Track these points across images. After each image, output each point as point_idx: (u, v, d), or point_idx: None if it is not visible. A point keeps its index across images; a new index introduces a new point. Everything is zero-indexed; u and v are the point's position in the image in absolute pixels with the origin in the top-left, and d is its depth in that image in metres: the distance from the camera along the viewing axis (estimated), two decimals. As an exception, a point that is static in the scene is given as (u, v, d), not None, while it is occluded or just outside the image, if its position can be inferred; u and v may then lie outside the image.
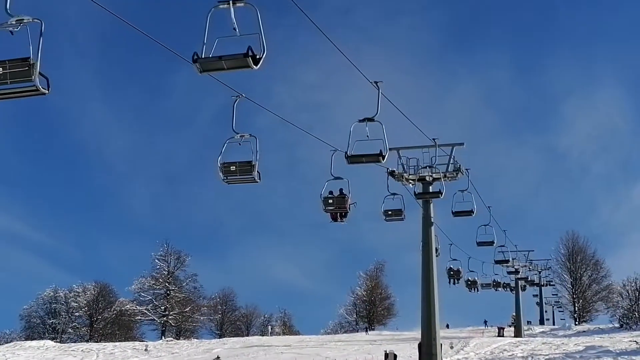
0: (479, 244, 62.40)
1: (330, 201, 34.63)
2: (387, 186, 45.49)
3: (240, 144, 25.71)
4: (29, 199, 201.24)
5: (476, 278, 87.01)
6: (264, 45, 18.88)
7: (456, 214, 49.66)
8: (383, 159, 30.40)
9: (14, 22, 16.21)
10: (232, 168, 26.09)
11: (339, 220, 36.91)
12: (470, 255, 78.90)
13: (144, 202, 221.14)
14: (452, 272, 77.38)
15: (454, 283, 78.95)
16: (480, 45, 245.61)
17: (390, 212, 44.97)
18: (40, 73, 16.21)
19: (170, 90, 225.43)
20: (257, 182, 26.26)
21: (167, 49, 20.34)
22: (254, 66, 18.86)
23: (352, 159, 30.54)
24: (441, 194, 46.05)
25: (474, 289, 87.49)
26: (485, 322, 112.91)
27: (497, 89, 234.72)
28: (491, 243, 63.10)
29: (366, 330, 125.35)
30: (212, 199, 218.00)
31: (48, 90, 16.52)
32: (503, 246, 75.87)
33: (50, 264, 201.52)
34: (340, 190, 34.73)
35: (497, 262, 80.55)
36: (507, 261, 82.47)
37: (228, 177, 26.36)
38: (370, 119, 29.19)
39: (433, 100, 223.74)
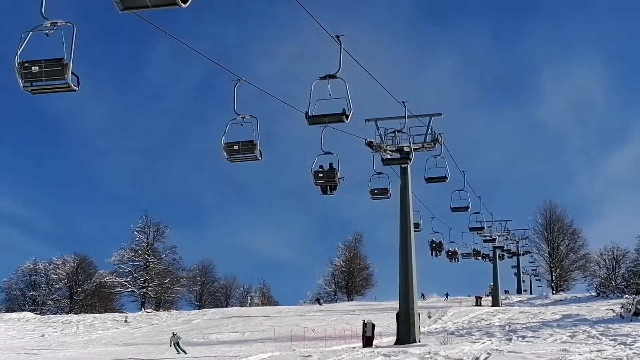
0: (454, 209, 61.12)
1: (321, 175, 36.26)
2: (372, 165, 46.29)
3: (242, 125, 27.37)
4: (7, 172, 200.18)
5: (456, 249, 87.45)
6: None
7: (429, 180, 49.33)
8: (347, 119, 28.40)
9: (48, 25, 18.47)
10: (235, 147, 27.81)
11: (328, 192, 38.23)
12: (450, 227, 79.59)
13: (122, 174, 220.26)
14: (434, 245, 77.96)
15: (436, 255, 79.53)
16: (459, 17, 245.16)
17: (376, 191, 45.97)
18: (72, 72, 18.57)
19: (146, 63, 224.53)
20: (259, 160, 28.12)
21: (144, 20, 20.50)
22: (182, 4, 17.85)
23: (313, 120, 28.74)
24: (410, 159, 45.68)
25: (455, 259, 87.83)
26: (447, 294, 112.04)
27: (475, 60, 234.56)
28: (466, 208, 61.86)
29: (319, 302, 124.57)
30: (190, 171, 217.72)
31: (78, 87, 19.00)
32: (478, 213, 75.03)
33: (29, 236, 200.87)
34: (330, 164, 36.46)
35: (471, 229, 79.14)
36: (482, 228, 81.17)
37: (231, 156, 28.10)
38: (333, 76, 27.42)
39: (411, 71, 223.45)
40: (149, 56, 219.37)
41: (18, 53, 18.73)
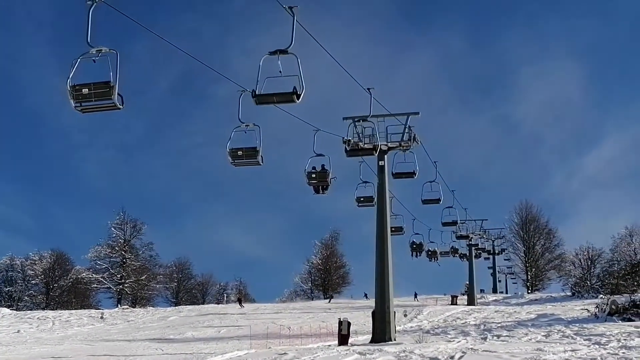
0: (425, 201, 59.53)
1: (314, 175, 39.63)
2: (359, 174, 47.84)
3: (245, 132, 29.27)
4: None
5: (436, 248, 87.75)
6: None
7: (397, 175, 49.00)
8: (298, 99, 26.58)
9: (94, 52, 21.14)
10: (239, 153, 29.69)
11: (321, 192, 41.40)
12: (430, 227, 79.89)
13: (99, 170, 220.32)
14: (414, 246, 78.41)
15: (417, 256, 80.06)
16: (435, 14, 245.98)
17: (362, 199, 48.15)
18: (117, 93, 21.20)
19: (126, 59, 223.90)
20: (261, 165, 30.05)
21: (125, 15, 21.24)
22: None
23: (261, 99, 26.95)
24: (375, 150, 45.00)
25: (434, 259, 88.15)
26: (416, 294, 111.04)
27: (451, 59, 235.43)
28: (437, 201, 60.16)
29: (240, 302, 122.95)
30: (168, 168, 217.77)
31: (122, 106, 21.66)
32: (451, 207, 74.53)
33: (6, 232, 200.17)
34: (322, 166, 39.72)
35: (444, 224, 77.48)
36: (455, 223, 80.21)
37: (235, 161, 29.98)
38: (284, 51, 25.90)
39: (387, 68, 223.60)
40: (128, 52, 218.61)
41: (70, 76, 21.25)
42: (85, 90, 21.25)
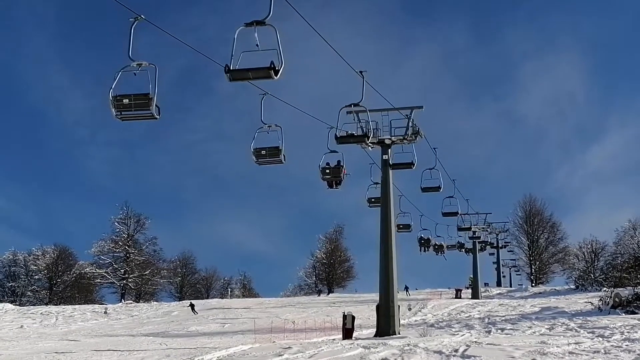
0: (424, 189, 56.07)
1: (327, 171, 41.92)
2: (370, 175, 49.52)
3: (268, 133, 30.92)
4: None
5: (442, 242, 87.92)
6: None
7: (394, 166, 48.25)
8: (276, 75, 23.97)
9: (135, 66, 22.61)
10: (263, 152, 31.54)
11: (334, 187, 43.31)
12: (437, 222, 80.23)
13: (102, 165, 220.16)
14: (422, 241, 78.92)
15: (425, 250, 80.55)
16: (439, 9, 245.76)
17: (373, 200, 49.89)
18: (155, 104, 22.93)
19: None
20: (283, 163, 31.98)
21: (126, 8, 21.35)
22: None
23: (235, 75, 24.40)
24: (367, 137, 43.82)
25: (441, 252, 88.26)
26: (406, 287, 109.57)
27: (455, 54, 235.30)
28: (437, 189, 56.36)
29: (192, 308, 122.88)
30: (171, 163, 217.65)
31: (159, 116, 23.30)
32: (452, 197, 73.31)
33: (9, 227, 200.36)
34: (338, 161, 42.17)
35: (445, 214, 74.33)
36: (456, 213, 77.03)
37: (259, 160, 31.85)
38: (261, 22, 23.68)
39: (391, 63, 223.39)
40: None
41: (112, 87, 22.84)
42: (125, 101, 22.93)
